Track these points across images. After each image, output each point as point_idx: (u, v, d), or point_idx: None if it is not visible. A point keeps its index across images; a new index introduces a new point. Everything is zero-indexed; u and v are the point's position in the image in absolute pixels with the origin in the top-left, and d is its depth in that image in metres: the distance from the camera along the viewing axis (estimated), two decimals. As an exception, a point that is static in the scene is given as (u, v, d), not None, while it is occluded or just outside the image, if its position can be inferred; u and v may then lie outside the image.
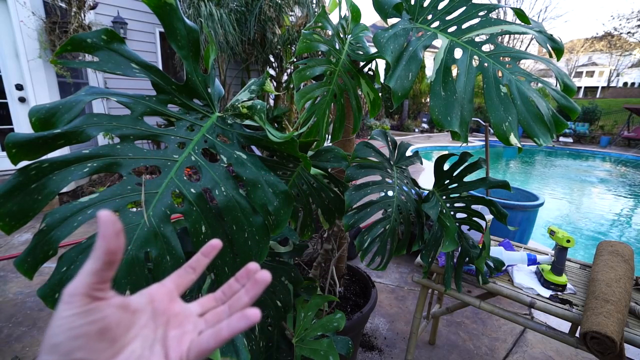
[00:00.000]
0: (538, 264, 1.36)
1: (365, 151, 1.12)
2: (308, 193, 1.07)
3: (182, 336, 0.29)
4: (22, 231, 2.97)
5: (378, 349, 1.78)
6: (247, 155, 0.75)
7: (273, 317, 1.01)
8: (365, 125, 9.98)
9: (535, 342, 1.88)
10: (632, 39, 22.90)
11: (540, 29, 0.91)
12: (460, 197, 1.18)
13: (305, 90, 1.06)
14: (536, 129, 0.79)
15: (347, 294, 1.52)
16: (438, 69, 0.83)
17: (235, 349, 0.75)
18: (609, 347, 0.95)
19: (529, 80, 0.85)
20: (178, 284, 0.33)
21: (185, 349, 0.28)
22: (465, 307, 1.76)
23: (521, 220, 2.63)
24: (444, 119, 0.78)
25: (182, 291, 0.33)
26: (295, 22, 4.89)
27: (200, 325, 0.31)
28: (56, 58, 0.70)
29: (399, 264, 2.73)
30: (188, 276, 0.34)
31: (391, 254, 1.10)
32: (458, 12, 0.93)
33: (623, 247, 1.29)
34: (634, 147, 10.81)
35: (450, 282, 1.22)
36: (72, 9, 3.48)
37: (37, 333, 1.80)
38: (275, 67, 5.39)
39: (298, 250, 1.13)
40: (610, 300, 1.03)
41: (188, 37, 0.72)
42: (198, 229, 0.68)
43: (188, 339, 0.29)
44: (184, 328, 0.30)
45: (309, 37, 1.06)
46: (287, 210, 0.74)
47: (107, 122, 0.66)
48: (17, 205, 0.55)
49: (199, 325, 0.31)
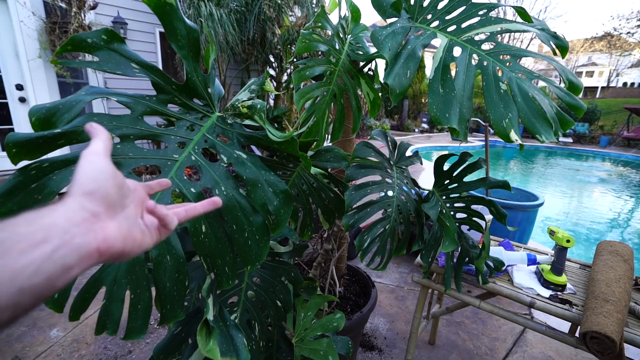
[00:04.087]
0: (538, 264, 1.36)
1: (365, 151, 1.12)
2: (308, 193, 1.07)
3: (153, 222, 0.37)
4: (22, 231, 2.97)
5: (378, 348, 1.78)
6: (247, 155, 0.75)
7: (273, 317, 1.01)
8: (365, 125, 9.98)
9: (535, 342, 1.88)
10: (632, 39, 22.89)
11: (543, 26, 0.90)
12: (460, 197, 1.18)
13: (304, 90, 1.06)
14: (538, 126, 0.78)
15: (347, 294, 1.52)
16: (437, 67, 0.83)
17: (235, 348, 0.75)
18: (609, 347, 0.95)
19: (530, 77, 0.85)
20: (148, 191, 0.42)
21: (160, 232, 0.38)
22: (465, 307, 1.76)
23: (521, 220, 2.63)
24: (442, 116, 0.78)
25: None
26: (295, 22, 4.89)
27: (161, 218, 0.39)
28: (56, 58, 0.70)
29: (399, 264, 2.73)
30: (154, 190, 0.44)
31: (391, 254, 1.10)
32: (458, 11, 0.93)
33: (623, 247, 1.29)
34: (633, 147, 10.81)
35: (450, 282, 1.22)
36: (72, 9, 3.48)
37: (37, 333, 1.80)
38: (275, 67, 5.39)
39: (298, 250, 1.13)
40: (610, 300, 1.03)
41: (188, 37, 0.72)
42: (198, 228, 0.68)
43: (156, 224, 0.38)
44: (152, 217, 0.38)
45: (308, 37, 1.06)
46: (287, 210, 0.74)
47: (107, 122, 0.66)
48: (17, 205, 0.55)
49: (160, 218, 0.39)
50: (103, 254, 0.29)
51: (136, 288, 0.65)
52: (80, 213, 0.28)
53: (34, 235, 0.25)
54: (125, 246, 0.31)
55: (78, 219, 0.28)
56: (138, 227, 0.34)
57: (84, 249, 0.27)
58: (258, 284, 1.04)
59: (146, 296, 0.66)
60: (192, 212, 0.42)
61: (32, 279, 0.24)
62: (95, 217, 0.29)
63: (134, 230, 0.33)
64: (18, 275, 0.23)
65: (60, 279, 0.26)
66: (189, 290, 0.95)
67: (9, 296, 0.23)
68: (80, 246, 0.27)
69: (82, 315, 0.74)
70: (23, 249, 0.24)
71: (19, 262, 0.23)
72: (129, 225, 0.33)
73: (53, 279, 0.25)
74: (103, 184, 0.31)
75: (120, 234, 0.31)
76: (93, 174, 0.31)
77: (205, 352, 0.69)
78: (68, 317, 0.65)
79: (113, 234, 0.30)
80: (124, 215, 0.33)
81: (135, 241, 0.33)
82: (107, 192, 0.31)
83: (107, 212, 0.31)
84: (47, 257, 0.25)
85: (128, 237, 0.32)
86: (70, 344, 1.74)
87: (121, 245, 0.31)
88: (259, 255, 0.72)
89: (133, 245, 0.33)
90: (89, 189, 0.30)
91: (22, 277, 0.23)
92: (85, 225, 0.28)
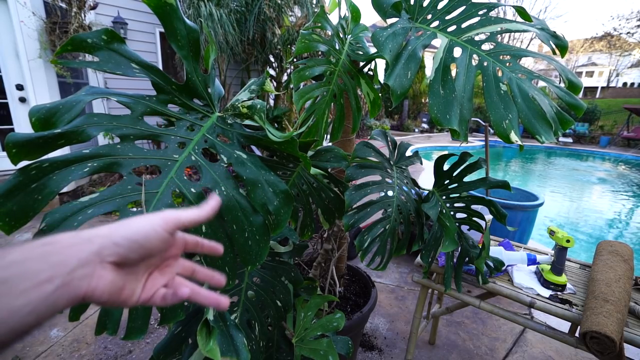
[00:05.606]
0: (538, 263, 1.36)
1: (365, 151, 1.12)
2: (308, 193, 1.07)
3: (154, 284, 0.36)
4: (22, 231, 2.97)
5: (378, 348, 1.78)
6: (247, 155, 0.75)
7: (273, 317, 1.01)
8: (365, 125, 9.97)
9: (535, 342, 1.88)
10: (632, 39, 22.89)
11: (543, 26, 0.90)
12: (460, 197, 1.18)
13: (304, 90, 1.06)
14: (538, 126, 0.78)
15: (347, 294, 1.52)
16: (437, 68, 0.83)
17: (235, 348, 0.75)
18: (609, 347, 0.95)
19: (530, 78, 0.85)
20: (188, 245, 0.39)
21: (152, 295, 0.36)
22: (465, 307, 1.76)
23: (521, 220, 2.63)
24: (442, 117, 0.78)
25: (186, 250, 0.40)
26: (295, 22, 4.89)
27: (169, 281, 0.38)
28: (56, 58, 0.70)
29: (399, 264, 2.73)
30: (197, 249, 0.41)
31: (391, 253, 1.10)
32: (458, 11, 0.93)
33: (623, 247, 1.29)
34: (633, 147, 10.81)
35: (450, 282, 1.22)
36: (73, 9, 3.48)
37: (37, 333, 1.80)
38: (275, 67, 5.38)
39: (298, 250, 1.13)
40: (609, 300, 1.03)
41: (188, 37, 0.72)
42: (198, 228, 0.68)
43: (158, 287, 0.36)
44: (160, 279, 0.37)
45: (308, 37, 1.06)
46: (287, 210, 0.74)
47: (107, 122, 0.66)
48: (17, 205, 0.55)
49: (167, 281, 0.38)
50: (86, 299, 0.29)
51: (136, 288, 0.65)
52: (92, 257, 0.29)
53: (40, 274, 0.26)
54: (110, 299, 0.31)
55: (87, 261, 0.29)
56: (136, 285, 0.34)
57: (73, 292, 0.28)
58: (258, 284, 1.04)
59: (146, 296, 0.66)
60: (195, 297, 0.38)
61: (25, 319, 0.24)
62: (101, 265, 0.30)
63: (129, 286, 0.33)
64: (14, 315, 0.24)
65: (47, 316, 0.26)
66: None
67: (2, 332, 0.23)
68: (73, 289, 0.28)
69: (82, 315, 0.74)
70: (26, 288, 0.24)
71: (17, 302, 0.24)
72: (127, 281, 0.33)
73: (41, 318, 0.26)
74: (136, 248, 0.32)
75: (111, 288, 0.31)
76: (137, 235, 0.32)
77: (205, 352, 0.69)
78: (68, 317, 0.65)
79: (103, 286, 0.30)
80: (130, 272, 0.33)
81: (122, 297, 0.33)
82: (131, 255, 0.32)
83: (114, 266, 0.31)
84: (44, 298, 0.25)
85: (117, 293, 0.32)
86: (70, 343, 1.74)
87: (106, 298, 0.31)
88: (259, 255, 0.72)
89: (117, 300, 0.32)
90: (121, 243, 0.31)
91: (17, 317, 0.24)
92: (88, 270, 0.29)
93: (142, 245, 0.32)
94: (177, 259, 0.38)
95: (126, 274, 0.33)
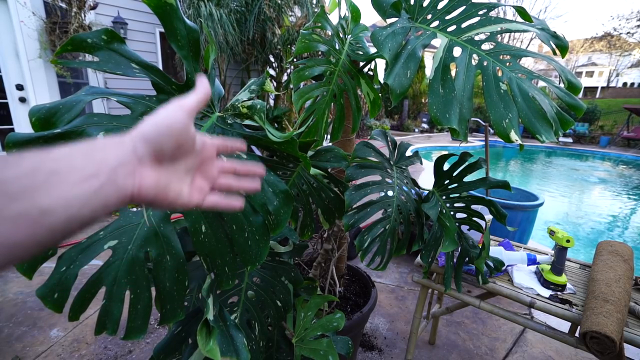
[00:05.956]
0: (538, 263, 1.36)
1: (365, 151, 1.12)
2: (308, 193, 1.07)
3: (202, 187, 0.39)
4: (22, 231, 2.96)
5: (378, 348, 1.78)
6: (247, 155, 0.75)
7: (273, 317, 1.02)
8: (365, 125, 9.97)
9: (535, 342, 1.88)
10: (632, 39, 22.89)
11: (543, 26, 0.90)
12: (460, 197, 1.18)
13: (304, 90, 1.06)
14: (538, 126, 0.78)
15: (347, 294, 1.52)
16: (437, 67, 0.83)
17: (235, 348, 0.75)
18: (609, 347, 0.95)
19: (530, 78, 0.85)
20: (219, 148, 0.41)
21: (203, 197, 0.38)
22: (465, 307, 1.76)
23: (521, 220, 2.63)
24: (442, 116, 0.78)
25: (217, 153, 0.41)
26: (295, 22, 4.89)
27: (214, 183, 0.40)
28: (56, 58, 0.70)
29: (399, 264, 2.73)
30: (226, 150, 0.42)
31: (391, 253, 1.10)
32: (458, 11, 0.93)
33: (623, 247, 1.29)
34: (633, 147, 10.81)
35: (450, 282, 1.22)
36: (73, 9, 3.48)
37: (37, 333, 1.80)
38: (275, 67, 5.38)
39: (298, 250, 1.13)
40: (609, 300, 1.03)
41: (188, 37, 0.72)
42: (198, 228, 0.68)
43: (206, 191, 0.39)
44: (206, 182, 0.39)
45: (308, 37, 1.06)
46: (287, 210, 0.74)
47: (107, 122, 0.66)
48: (17, 204, 0.55)
49: (213, 184, 0.40)
50: (134, 199, 0.31)
51: (136, 288, 0.65)
52: (130, 155, 0.30)
53: (87, 168, 0.27)
54: (157, 198, 0.33)
55: (126, 160, 0.30)
56: (181, 185, 0.36)
57: (122, 191, 0.29)
58: (258, 284, 1.04)
59: (146, 296, 0.66)
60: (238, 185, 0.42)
61: (81, 209, 0.26)
62: (140, 163, 0.31)
63: (174, 186, 0.35)
64: (71, 204, 0.25)
65: (101, 211, 0.28)
66: (189, 290, 0.95)
67: (62, 221, 0.25)
68: (120, 187, 0.29)
69: (82, 315, 0.74)
70: (77, 180, 0.26)
71: (72, 192, 0.25)
72: (171, 180, 0.34)
73: (96, 212, 0.27)
74: (164, 138, 0.32)
75: (156, 186, 0.32)
76: (160, 126, 0.32)
77: (205, 352, 0.69)
78: (68, 317, 0.65)
79: (148, 184, 0.32)
80: (171, 170, 0.34)
81: (170, 196, 0.34)
82: (163, 146, 0.32)
83: (152, 162, 0.32)
84: (94, 191, 0.27)
85: (163, 191, 0.33)
86: (70, 343, 1.74)
87: (152, 196, 0.32)
88: (259, 255, 0.72)
89: (166, 199, 0.34)
90: (149, 136, 0.32)
91: (74, 207, 0.26)
92: (129, 168, 0.30)
93: (170, 134, 0.33)
94: (213, 160, 0.40)
95: (167, 172, 0.34)
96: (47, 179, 0.25)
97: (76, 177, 0.26)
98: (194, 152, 0.37)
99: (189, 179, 0.37)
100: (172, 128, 0.33)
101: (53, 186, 0.25)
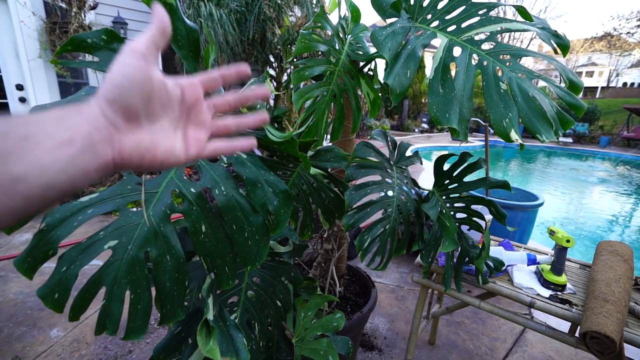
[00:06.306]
0: (538, 263, 1.36)
1: (365, 151, 1.12)
2: (308, 193, 1.07)
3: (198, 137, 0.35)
4: (22, 231, 2.97)
5: (378, 348, 1.78)
6: (247, 155, 0.75)
7: (273, 317, 1.01)
8: (365, 125, 9.97)
9: (535, 342, 1.88)
10: (632, 39, 22.89)
11: (544, 25, 0.90)
12: (460, 197, 1.18)
13: (304, 90, 1.05)
14: (538, 125, 0.78)
15: (347, 294, 1.52)
16: (437, 67, 0.83)
17: (235, 348, 0.75)
18: (609, 347, 0.95)
19: (530, 77, 0.85)
20: (205, 85, 0.36)
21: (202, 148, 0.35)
22: (465, 307, 1.76)
23: (521, 220, 2.63)
24: (442, 116, 0.78)
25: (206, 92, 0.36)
26: (295, 22, 4.89)
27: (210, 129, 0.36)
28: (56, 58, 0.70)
29: (399, 264, 2.73)
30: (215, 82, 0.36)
31: (391, 253, 1.10)
32: (458, 11, 0.93)
33: (623, 247, 1.29)
34: (633, 147, 10.81)
35: (450, 282, 1.22)
36: (73, 9, 3.48)
37: (37, 333, 1.80)
38: (275, 67, 5.38)
39: (298, 250, 1.13)
40: (609, 300, 1.03)
41: (188, 37, 0.72)
42: (198, 228, 0.68)
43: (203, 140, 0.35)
44: (200, 130, 0.35)
45: (308, 37, 1.06)
46: (287, 210, 0.74)
47: (107, 122, 0.66)
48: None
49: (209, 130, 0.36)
50: (118, 166, 0.29)
51: (136, 288, 0.65)
52: (101, 120, 0.28)
53: (60, 134, 0.25)
54: (144, 160, 0.30)
55: (100, 125, 0.27)
56: (171, 142, 0.32)
57: (101, 157, 0.27)
58: (258, 284, 1.04)
59: (146, 296, 0.66)
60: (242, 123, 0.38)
61: (58, 177, 0.25)
62: (114, 128, 0.28)
63: (162, 144, 0.32)
64: (46, 171, 0.24)
65: (81, 180, 0.26)
66: (189, 290, 0.95)
67: (38, 188, 0.24)
68: (98, 154, 0.27)
69: (82, 316, 0.74)
70: (51, 147, 0.24)
71: (46, 159, 0.24)
72: (155, 139, 0.31)
73: (75, 180, 0.26)
74: (126, 93, 0.28)
75: (138, 147, 0.30)
76: (118, 80, 0.28)
77: (205, 352, 0.69)
78: (68, 317, 0.65)
79: (129, 147, 0.29)
80: (153, 127, 0.31)
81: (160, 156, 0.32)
82: (129, 102, 0.29)
83: (127, 124, 0.29)
84: (71, 158, 0.25)
85: (150, 152, 0.31)
86: (70, 343, 1.74)
87: (137, 159, 0.30)
88: (259, 255, 0.72)
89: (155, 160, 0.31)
90: (111, 96, 0.28)
91: (49, 174, 0.24)
92: (104, 132, 0.28)
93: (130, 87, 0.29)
94: (201, 103, 0.35)
95: (149, 130, 0.31)
96: (18, 144, 0.23)
97: (50, 144, 0.24)
98: (171, 100, 0.32)
99: (179, 133, 0.33)
100: (131, 79, 0.28)
101: (25, 152, 0.23)
